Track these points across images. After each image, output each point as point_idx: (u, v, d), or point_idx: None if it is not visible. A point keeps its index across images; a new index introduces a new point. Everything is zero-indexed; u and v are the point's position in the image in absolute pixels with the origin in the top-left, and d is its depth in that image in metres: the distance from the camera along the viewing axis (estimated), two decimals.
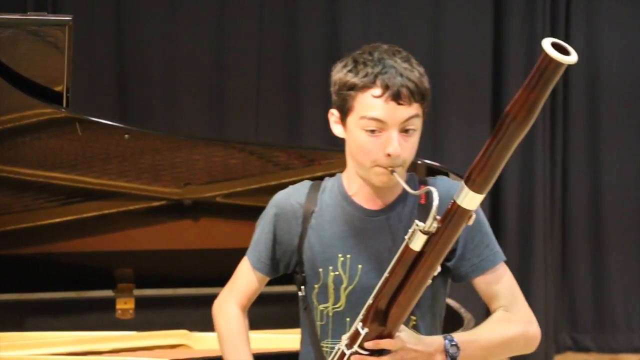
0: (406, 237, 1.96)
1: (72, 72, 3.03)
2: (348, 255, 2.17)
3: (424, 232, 1.93)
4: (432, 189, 1.95)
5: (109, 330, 3.51)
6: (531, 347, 2.23)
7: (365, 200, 2.17)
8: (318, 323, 2.22)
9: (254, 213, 3.49)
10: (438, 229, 1.93)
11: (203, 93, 5.44)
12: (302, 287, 2.25)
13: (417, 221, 1.94)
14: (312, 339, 2.24)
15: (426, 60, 5.53)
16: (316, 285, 2.20)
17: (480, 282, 2.21)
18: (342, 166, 2.19)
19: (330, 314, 2.20)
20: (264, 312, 2.78)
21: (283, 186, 2.33)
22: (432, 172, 3.61)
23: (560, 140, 5.85)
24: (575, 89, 5.85)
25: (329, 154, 3.47)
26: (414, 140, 2.08)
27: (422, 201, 2.14)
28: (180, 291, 3.82)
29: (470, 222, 1.94)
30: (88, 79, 5.08)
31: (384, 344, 2.00)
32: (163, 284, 3.75)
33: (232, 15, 5.41)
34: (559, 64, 1.75)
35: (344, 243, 2.17)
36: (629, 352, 5.98)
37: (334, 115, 2.15)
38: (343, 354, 2.05)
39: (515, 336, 2.19)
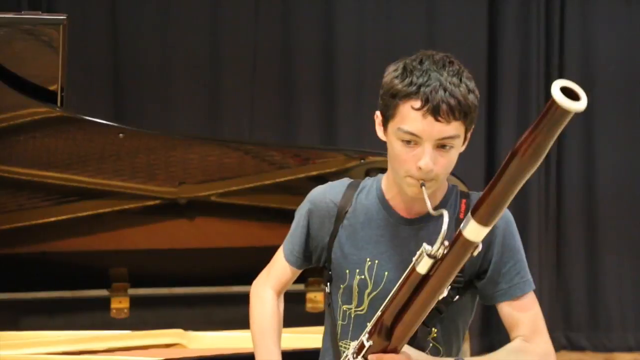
0: (414, 258, 1.94)
1: (67, 71, 3.02)
2: (376, 261, 2.15)
3: (430, 256, 1.91)
4: (445, 212, 1.91)
5: (103, 329, 3.51)
6: None
7: (402, 206, 2.15)
8: (340, 322, 2.23)
9: (249, 212, 3.51)
10: (444, 255, 1.90)
11: (198, 92, 5.43)
12: (329, 283, 2.25)
13: (424, 244, 1.92)
14: (332, 337, 2.25)
15: (420, 44, 5.57)
16: (342, 286, 2.20)
17: (505, 308, 2.18)
18: (337, 165, 2.19)
19: (352, 315, 2.20)
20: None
21: (278, 185, 2.33)
22: None
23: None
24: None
25: (324, 153, 3.47)
26: (450, 156, 2.01)
27: (461, 215, 2.11)
28: (175, 290, 3.82)
29: (476, 253, 1.90)
30: (83, 78, 5.07)
31: (387, 358, 2.00)
32: (158, 283, 3.75)
33: (227, 14, 5.41)
34: (565, 111, 1.72)
35: (374, 247, 2.16)
36: (623, 351, 5.98)
37: (378, 117, 2.11)
38: None
39: None
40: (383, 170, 2.22)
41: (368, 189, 2.22)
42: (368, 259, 2.15)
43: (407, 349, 2.03)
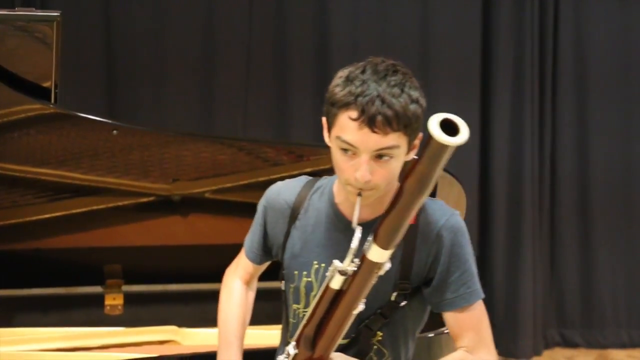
0: (327, 274, 1.97)
1: (61, 68, 3.02)
2: (323, 264, 2.15)
3: (341, 273, 1.93)
4: (358, 228, 1.93)
5: (97, 326, 3.51)
6: None
7: (350, 211, 2.12)
8: (291, 320, 2.25)
9: (243, 209, 3.50)
10: (354, 272, 1.92)
11: (191, 89, 5.44)
12: (283, 282, 2.26)
13: (335, 261, 1.94)
14: (284, 332, 2.29)
15: (414, 54, 5.59)
16: (292, 286, 2.22)
17: (450, 318, 2.16)
18: (330, 162, 2.18)
19: (301, 315, 2.21)
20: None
21: (272, 182, 2.33)
22: None
23: (548, 137, 5.86)
24: (563, 79, 5.85)
25: (318, 150, 3.47)
26: (390, 166, 1.99)
27: (413, 221, 2.05)
28: (169, 287, 3.82)
29: (382, 272, 1.93)
30: (76, 75, 5.07)
31: None
32: (152, 280, 3.75)
33: (221, 11, 5.41)
34: (443, 146, 1.74)
35: (323, 251, 2.16)
36: (617, 348, 6.00)
37: (324, 123, 2.10)
38: None
39: None
40: None
41: (322, 190, 2.22)
42: (315, 262, 2.16)
43: (337, 356, 2.04)
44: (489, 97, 5.77)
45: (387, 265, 1.92)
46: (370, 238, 1.89)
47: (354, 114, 1.94)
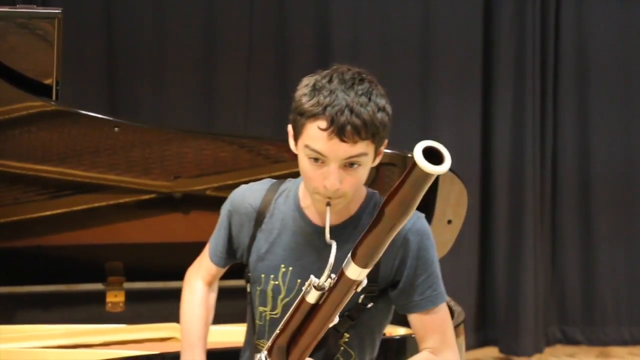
0: (303, 287, 1.96)
1: (62, 65, 3.02)
2: (290, 268, 2.17)
3: (317, 288, 1.93)
4: (333, 242, 1.94)
5: (99, 323, 3.52)
6: None
7: (316, 215, 2.15)
8: (257, 322, 2.26)
9: None
10: (330, 288, 1.92)
11: (193, 86, 5.43)
12: (248, 284, 2.28)
13: (312, 276, 1.94)
14: (249, 335, 2.30)
15: (415, 53, 5.59)
16: (258, 288, 2.23)
17: (416, 320, 2.19)
18: None
19: (267, 317, 2.23)
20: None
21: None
22: None
23: (550, 135, 5.85)
24: (564, 77, 5.85)
25: None
26: (358, 174, 2.02)
27: None
28: (170, 284, 3.81)
29: (359, 289, 1.93)
30: (77, 72, 5.07)
31: None
32: (153, 277, 3.75)
33: (222, 8, 5.40)
34: (427, 174, 1.75)
35: (289, 255, 2.17)
36: (618, 345, 6.00)
37: (290, 131, 2.13)
38: None
39: None
40: (378, 164, 2.22)
41: (286, 194, 2.23)
42: (283, 266, 2.17)
43: None
44: (490, 95, 5.77)
45: (364, 282, 1.92)
46: (349, 256, 1.89)
47: (323, 124, 1.97)
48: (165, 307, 3.66)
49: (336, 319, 1.98)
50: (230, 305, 2.88)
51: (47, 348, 3.26)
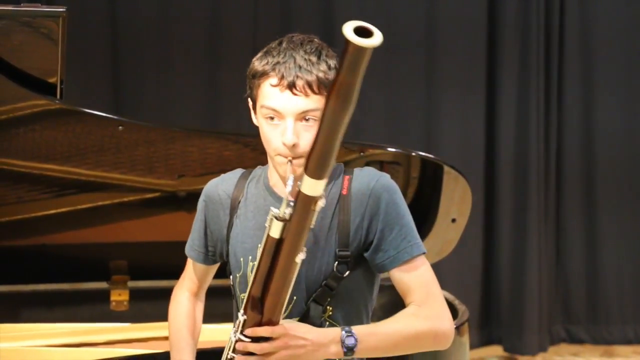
0: (266, 224, 1.97)
1: (66, 63, 3.02)
2: None
3: (279, 219, 1.93)
4: (291, 176, 1.97)
5: (103, 321, 3.52)
6: (442, 344, 2.16)
7: (284, 190, 2.12)
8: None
9: None
10: (291, 215, 1.92)
11: (197, 85, 5.43)
12: (231, 275, 2.26)
13: (272, 208, 1.95)
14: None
15: (420, 45, 5.58)
16: (238, 275, 2.21)
17: (396, 274, 2.15)
18: (336, 158, 2.17)
19: None
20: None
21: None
22: (426, 164, 3.61)
23: (554, 129, 5.85)
24: (569, 67, 5.84)
25: None
26: (314, 130, 1.98)
27: (344, 192, 2.12)
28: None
29: (318, 208, 1.91)
30: (82, 71, 5.07)
31: (261, 331, 2.01)
32: (157, 275, 3.76)
33: (226, 7, 5.41)
34: (359, 48, 1.75)
35: (263, 233, 2.13)
36: (623, 344, 5.99)
37: (249, 103, 2.17)
38: (231, 341, 2.07)
39: (422, 331, 2.12)
40: (382, 162, 2.22)
41: (257, 178, 2.25)
42: (260, 245, 2.14)
43: (285, 321, 2.03)
44: (494, 91, 5.77)
45: (323, 201, 1.91)
46: (302, 171, 1.89)
47: (274, 80, 2.05)
48: (169, 306, 3.67)
49: (302, 255, 1.95)
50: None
51: (51, 347, 3.26)
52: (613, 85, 5.91)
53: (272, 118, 2.06)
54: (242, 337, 2.03)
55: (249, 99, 2.15)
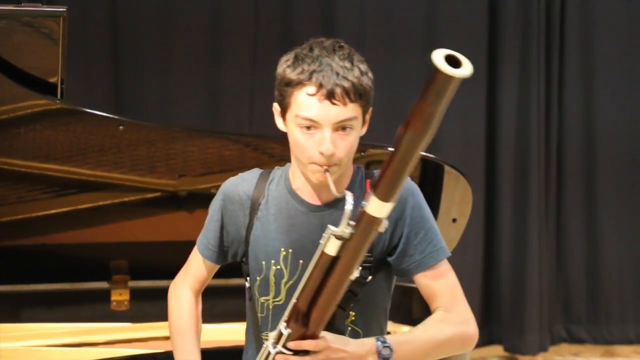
0: (321, 241, 1.95)
1: (67, 63, 3.02)
2: (290, 250, 2.16)
3: (337, 237, 1.92)
4: (348, 193, 1.94)
5: (103, 321, 3.52)
6: (468, 347, 2.21)
7: (309, 195, 2.16)
8: (259, 315, 2.23)
9: None
10: (351, 234, 1.91)
11: (198, 84, 5.44)
12: (248, 277, 2.25)
13: (330, 226, 1.94)
14: (254, 330, 2.26)
15: (419, 32, 5.56)
16: (258, 278, 2.20)
17: (422, 279, 2.17)
18: None
19: (271, 306, 2.20)
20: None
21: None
22: (427, 164, 3.61)
23: (554, 123, 5.84)
24: (570, 48, 5.83)
25: None
26: (350, 139, 2.04)
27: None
28: None
29: (382, 229, 1.90)
30: (83, 71, 5.07)
31: (306, 344, 2.00)
32: (158, 275, 3.75)
33: (227, 6, 5.41)
34: (448, 77, 1.73)
35: (287, 237, 2.16)
36: (623, 344, 5.99)
37: (276, 109, 2.14)
38: (269, 353, 2.05)
39: (451, 337, 2.15)
40: (383, 162, 2.22)
41: (277, 180, 2.23)
42: (282, 249, 2.16)
43: (325, 333, 2.03)
44: (494, 85, 5.76)
45: (386, 223, 1.90)
46: (369, 192, 1.88)
47: (311, 89, 2.01)
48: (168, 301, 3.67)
49: (357, 272, 1.96)
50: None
51: (52, 346, 3.26)
52: (614, 81, 5.90)
53: (308, 127, 2.03)
54: (284, 350, 2.02)
55: (278, 105, 2.12)
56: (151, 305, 3.65)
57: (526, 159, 5.77)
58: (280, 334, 2.02)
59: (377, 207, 1.87)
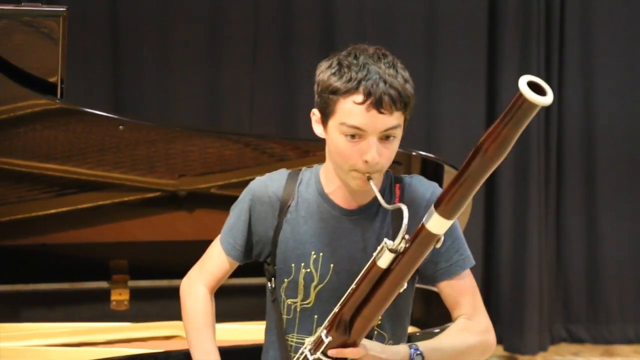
0: (374, 253, 1.96)
1: (67, 63, 3.02)
2: (321, 254, 2.16)
3: (392, 251, 1.93)
4: (404, 206, 1.95)
5: (103, 321, 3.52)
6: (487, 355, 2.25)
7: (342, 199, 2.17)
8: (285, 316, 2.22)
9: None
10: (405, 248, 1.93)
11: (198, 84, 5.44)
12: (272, 279, 2.24)
13: (386, 239, 1.95)
14: (278, 331, 2.25)
15: (419, 30, 5.57)
16: (286, 280, 2.20)
17: (446, 287, 2.22)
18: None
19: (298, 309, 2.20)
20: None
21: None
22: (427, 164, 3.61)
23: (555, 119, 5.85)
24: (570, 39, 5.83)
25: (324, 145, 3.47)
26: (393, 146, 2.06)
27: (397, 201, 2.14)
28: (174, 282, 3.78)
29: (438, 245, 1.93)
30: (83, 70, 5.07)
31: (347, 352, 2.02)
32: (158, 275, 3.75)
33: (227, 5, 5.41)
34: (532, 105, 1.74)
35: (318, 240, 2.17)
36: (623, 344, 5.99)
37: (315, 115, 2.13)
38: (306, 358, 2.06)
39: (474, 345, 2.20)
40: None
41: (307, 182, 2.23)
42: (313, 252, 2.16)
43: (364, 341, 2.04)
44: (494, 79, 5.76)
45: (442, 239, 1.93)
46: (431, 209, 1.90)
47: (359, 98, 2.00)
48: (169, 305, 3.66)
49: (405, 284, 1.99)
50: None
51: (52, 346, 3.26)
52: (614, 80, 5.90)
53: (352, 136, 2.03)
54: (323, 357, 2.04)
55: (318, 112, 2.11)
56: (151, 305, 3.65)
57: (526, 159, 5.76)
58: (321, 341, 2.03)
59: (438, 224, 1.89)
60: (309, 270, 2.17)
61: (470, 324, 2.20)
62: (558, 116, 5.87)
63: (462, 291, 2.21)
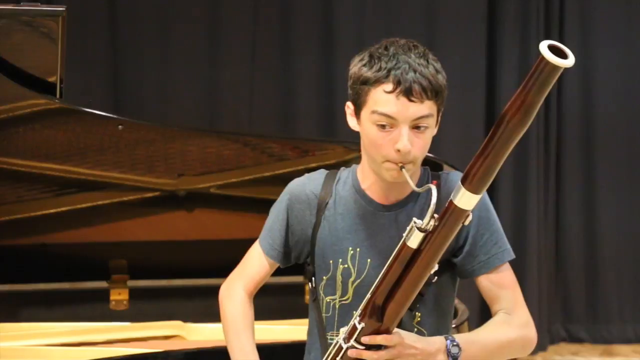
0: (404, 234, 1.97)
1: (66, 62, 3.02)
2: (358, 249, 2.16)
3: (421, 230, 1.94)
4: (432, 186, 1.94)
5: (103, 321, 3.52)
6: (528, 350, 2.25)
7: (378, 194, 2.17)
8: (324, 315, 2.22)
9: (248, 204, 3.51)
10: (435, 227, 1.93)
11: (197, 84, 5.44)
12: (312, 278, 2.24)
13: (415, 219, 1.95)
14: (319, 330, 2.24)
15: (419, 30, 5.58)
16: (325, 277, 2.20)
17: (485, 281, 2.21)
18: (336, 157, 2.19)
19: (337, 306, 2.20)
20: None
21: (277, 177, 2.33)
22: (427, 163, 3.61)
23: (554, 117, 5.85)
24: (570, 39, 5.83)
25: (323, 145, 3.47)
26: (426, 137, 2.06)
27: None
28: (174, 282, 3.83)
29: (467, 222, 1.94)
30: (82, 70, 5.07)
31: (380, 339, 2.01)
32: (157, 275, 3.76)
33: (226, 5, 5.41)
34: (555, 67, 1.76)
35: (355, 236, 2.17)
36: (622, 343, 5.99)
37: (349, 108, 2.13)
38: (340, 348, 2.05)
39: (514, 339, 2.20)
40: None
41: (344, 180, 2.23)
42: (350, 248, 2.16)
43: (398, 330, 2.04)
44: (494, 74, 5.75)
45: (470, 217, 1.94)
46: (458, 185, 1.91)
47: (389, 86, 2.01)
48: (169, 305, 3.68)
49: (436, 266, 1.99)
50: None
51: (51, 346, 3.26)
52: (613, 79, 5.90)
53: (383, 126, 2.03)
54: (357, 345, 2.03)
55: (352, 104, 2.12)
56: (150, 305, 3.66)
57: (525, 158, 5.76)
58: (354, 328, 2.03)
59: (467, 199, 1.90)
60: (346, 266, 2.17)
61: (510, 318, 2.20)
62: (557, 116, 5.87)
63: (502, 284, 2.20)
